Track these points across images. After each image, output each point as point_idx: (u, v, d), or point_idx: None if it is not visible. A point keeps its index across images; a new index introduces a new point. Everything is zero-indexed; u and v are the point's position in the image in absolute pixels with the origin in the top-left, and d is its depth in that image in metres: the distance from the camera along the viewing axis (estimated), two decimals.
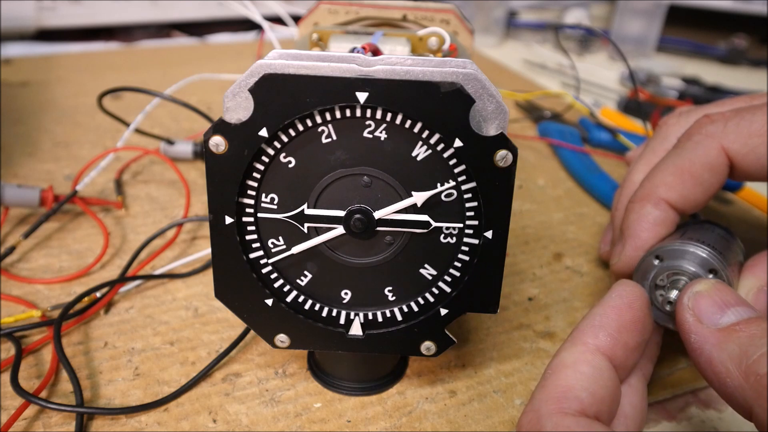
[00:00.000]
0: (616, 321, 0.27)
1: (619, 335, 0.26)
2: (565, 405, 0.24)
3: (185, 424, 0.31)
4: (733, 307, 0.26)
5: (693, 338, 0.26)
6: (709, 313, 0.26)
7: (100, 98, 0.51)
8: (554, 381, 0.25)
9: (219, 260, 0.29)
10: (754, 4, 1.00)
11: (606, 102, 0.76)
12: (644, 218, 0.34)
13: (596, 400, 0.24)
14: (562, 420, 0.23)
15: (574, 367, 0.25)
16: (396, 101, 0.26)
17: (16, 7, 0.84)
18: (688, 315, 0.26)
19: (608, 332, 0.26)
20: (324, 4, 0.42)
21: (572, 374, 0.25)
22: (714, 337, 0.25)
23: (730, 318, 0.25)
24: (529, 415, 0.24)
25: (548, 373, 0.26)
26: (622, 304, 0.27)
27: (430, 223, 0.28)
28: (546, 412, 0.24)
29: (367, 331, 0.30)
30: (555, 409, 0.24)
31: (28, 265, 0.42)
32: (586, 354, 0.26)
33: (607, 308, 0.27)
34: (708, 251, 0.31)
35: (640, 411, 0.28)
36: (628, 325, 0.27)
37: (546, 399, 0.24)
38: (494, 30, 1.00)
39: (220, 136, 0.27)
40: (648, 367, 0.31)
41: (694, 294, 0.27)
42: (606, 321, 0.27)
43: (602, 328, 0.27)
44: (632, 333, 0.27)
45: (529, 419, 0.24)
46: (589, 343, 0.26)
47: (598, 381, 0.25)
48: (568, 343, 0.27)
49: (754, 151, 0.33)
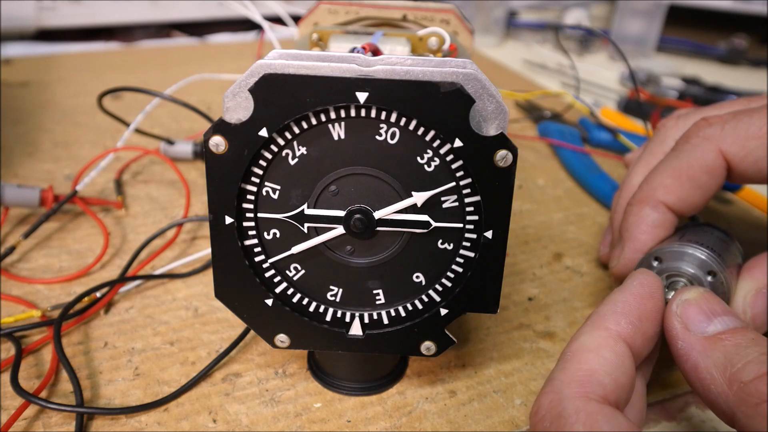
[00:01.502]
0: (638, 309, 0.27)
1: (640, 323, 0.27)
2: (589, 389, 0.24)
3: (185, 424, 0.31)
4: (719, 317, 0.26)
5: (680, 345, 0.26)
6: (696, 321, 0.26)
7: (100, 98, 0.51)
8: (576, 364, 0.25)
9: (219, 260, 0.29)
10: (754, 4, 1.00)
11: (606, 102, 0.76)
12: (643, 220, 0.35)
13: (618, 387, 0.24)
14: (586, 405, 0.23)
15: (597, 352, 0.25)
16: (396, 101, 0.26)
17: (16, 7, 0.84)
18: (676, 322, 0.27)
19: (630, 320, 0.26)
20: (324, 4, 0.42)
21: (595, 358, 0.25)
22: (700, 344, 0.25)
23: (717, 327, 0.26)
24: (550, 395, 0.24)
25: (569, 355, 0.25)
26: (644, 293, 0.27)
27: (430, 223, 0.28)
28: (568, 394, 0.24)
29: (367, 331, 0.30)
30: (578, 392, 0.24)
31: (28, 265, 0.42)
32: (609, 339, 0.26)
33: (629, 295, 0.27)
34: (707, 253, 0.31)
35: (639, 411, 0.28)
36: (648, 314, 0.27)
37: (569, 381, 0.24)
38: (494, 30, 1.00)
39: (220, 136, 0.27)
40: (648, 367, 0.31)
41: (682, 302, 0.27)
42: (628, 308, 0.27)
43: (624, 315, 0.27)
44: (651, 323, 0.27)
45: (551, 400, 0.24)
46: (612, 329, 0.26)
47: (620, 368, 0.25)
48: (589, 326, 0.26)
49: (752, 153, 0.33)
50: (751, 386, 0.23)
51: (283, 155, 0.27)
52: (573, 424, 0.23)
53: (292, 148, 0.27)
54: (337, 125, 0.27)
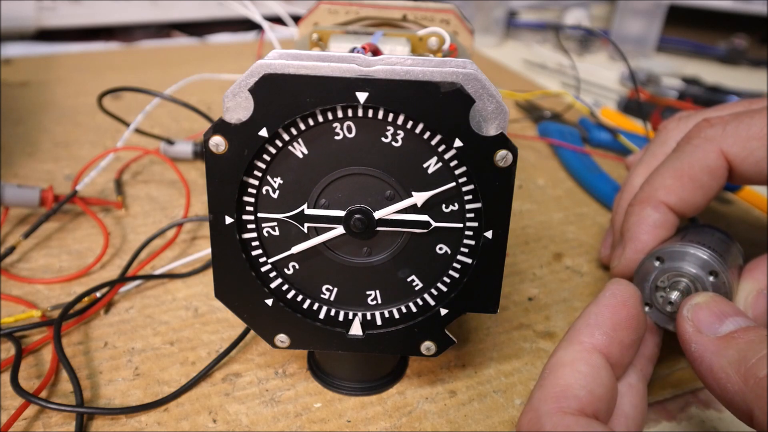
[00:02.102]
0: (611, 319, 0.27)
1: (615, 333, 0.27)
2: (564, 404, 0.24)
3: (185, 424, 0.31)
4: (731, 317, 0.27)
5: (693, 347, 0.26)
6: (708, 323, 0.27)
7: (100, 98, 0.51)
8: (552, 380, 0.25)
9: (219, 260, 0.29)
10: (754, 4, 1.00)
11: (606, 102, 0.76)
12: (644, 221, 0.35)
13: (595, 398, 0.25)
14: (562, 419, 0.23)
15: (572, 366, 0.25)
16: (396, 101, 0.26)
17: (16, 7, 0.84)
18: (688, 326, 0.27)
19: (604, 330, 0.27)
20: (324, 4, 0.42)
21: (570, 373, 0.25)
22: (713, 345, 0.26)
23: (729, 327, 0.26)
24: (529, 414, 0.25)
25: (546, 372, 0.26)
26: (616, 303, 0.28)
27: (430, 223, 0.28)
28: (545, 411, 0.24)
29: (367, 331, 0.30)
30: (554, 408, 0.24)
31: (28, 265, 0.42)
32: (583, 353, 0.26)
33: (602, 307, 0.28)
34: (709, 253, 0.31)
35: (640, 411, 0.28)
36: (622, 323, 0.27)
37: (545, 398, 0.24)
38: (494, 30, 1.00)
39: (220, 136, 0.27)
40: (648, 367, 0.31)
41: (692, 306, 0.28)
42: (601, 320, 0.27)
43: (598, 327, 0.27)
44: (627, 330, 0.27)
45: (529, 419, 0.24)
46: (586, 342, 0.26)
47: (596, 379, 0.25)
48: (565, 342, 0.27)
49: (753, 154, 0.33)
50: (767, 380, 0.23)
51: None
52: None
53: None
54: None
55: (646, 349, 0.32)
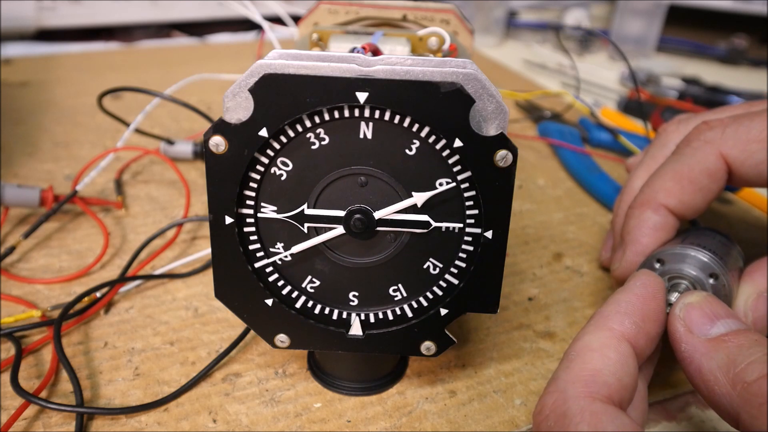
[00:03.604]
0: (641, 310, 0.27)
1: (643, 324, 0.27)
2: (594, 389, 0.24)
3: (185, 424, 0.31)
4: (722, 319, 0.26)
5: (683, 347, 0.26)
6: (699, 324, 0.27)
7: (100, 98, 0.51)
8: (581, 364, 0.25)
9: (219, 260, 0.29)
10: (754, 4, 1.00)
11: (606, 102, 0.76)
12: (644, 223, 0.35)
13: (622, 387, 0.24)
14: (591, 405, 0.23)
15: (601, 352, 0.25)
16: (396, 101, 0.26)
17: (16, 7, 0.84)
18: (680, 325, 0.27)
19: (633, 320, 0.27)
20: (324, 4, 0.42)
21: (599, 358, 0.25)
22: (703, 346, 0.26)
23: (720, 329, 0.26)
24: (554, 395, 0.24)
25: (572, 354, 0.25)
26: (647, 294, 0.28)
27: (430, 223, 0.28)
28: (573, 394, 0.24)
29: (367, 331, 0.30)
30: (583, 392, 0.24)
31: (28, 265, 0.42)
32: (612, 339, 0.26)
33: (632, 296, 0.28)
34: (709, 255, 0.31)
35: (641, 412, 0.28)
36: (651, 315, 0.27)
37: (573, 381, 0.24)
38: (494, 30, 1.00)
39: (220, 136, 0.27)
40: (649, 368, 0.31)
41: (685, 305, 0.28)
42: (632, 309, 0.27)
43: (628, 316, 0.27)
44: (654, 323, 0.27)
45: (554, 399, 0.24)
46: (616, 329, 0.26)
47: (624, 367, 0.25)
48: (592, 326, 0.27)
49: (753, 157, 0.33)
50: (754, 386, 0.23)
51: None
52: (577, 423, 0.23)
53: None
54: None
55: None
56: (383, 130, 0.27)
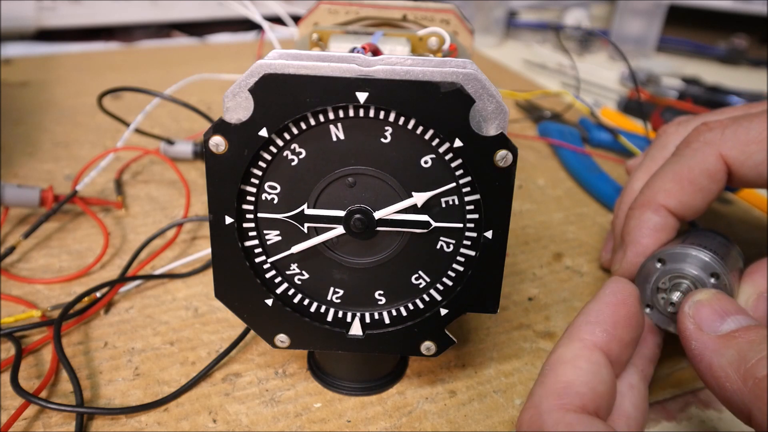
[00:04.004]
0: (611, 317, 0.27)
1: (615, 331, 0.27)
2: (567, 401, 0.24)
3: (185, 424, 0.31)
4: (732, 316, 0.26)
5: (694, 345, 0.26)
6: (709, 321, 0.27)
7: (100, 98, 0.51)
8: (553, 377, 0.25)
9: (219, 260, 0.29)
10: (754, 4, 1.00)
11: (606, 102, 0.76)
12: (644, 224, 0.35)
13: (596, 395, 0.25)
14: (564, 416, 0.23)
15: (573, 363, 0.25)
16: (396, 101, 0.26)
17: (16, 7, 0.84)
18: (689, 323, 0.27)
19: (604, 328, 0.27)
20: (324, 4, 0.42)
21: (571, 370, 0.25)
22: (714, 343, 0.26)
23: (730, 325, 0.26)
24: (530, 411, 0.24)
25: (546, 369, 0.26)
26: (616, 301, 0.28)
27: (430, 223, 0.28)
28: (547, 408, 0.24)
29: (367, 331, 0.30)
30: (556, 405, 0.24)
31: (28, 265, 0.42)
32: (584, 350, 0.26)
33: (602, 305, 0.28)
34: (710, 255, 0.31)
35: (641, 411, 0.28)
36: (622, 321, 0.27)
37: (546, 395, 0.24)
38: (494, 30, 1.00)
39: (220, 136, 0.27)
40: (649, 368, 0.31)
41: (694, 303, 0.28)
42: (601, 317, 0.27)
43: (598, 325, 0.27)
44: (626, 329, 0.27)
45: (530, 416, 0.24)
46: (586, 339, 0.26)
47: (596, 376, 0.25)
48: (565, 339, 0.27)
49: (752, 158, 0.33)
50: (766, 382, 0.23)
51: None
52: None
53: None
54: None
55: (647, 350, 0.32)
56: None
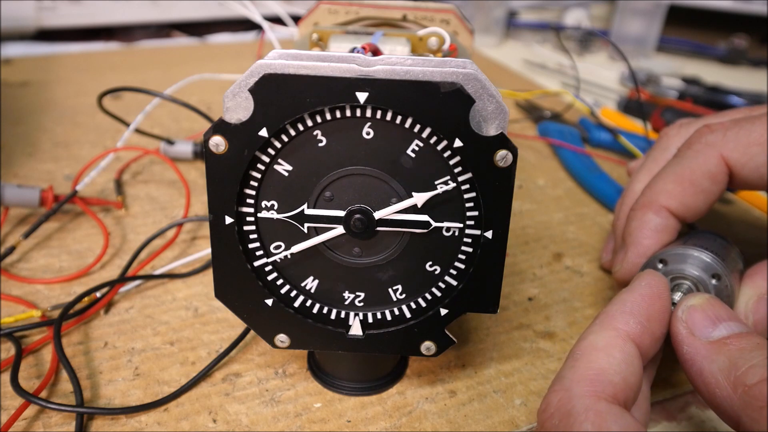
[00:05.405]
0: (647, 310, 0.27)
1: (648, 324, 0.27)
2: (599, 388, 0.24)
3: (185, 424, 0.31)
4: (724, 322, 0.26)
5: (685, 349, 0.26)
6: (701, 326, 0.27)
7: (100, 98, 0.51)
8: (586, 363, 0.25)
9: (219, 260, 0.29)
10: (754, 4, 1.00)
11: (606, 102, 0.76)
12: (646, 225, 0.35)
13: (627, 386, 0.24)
14: (596, 404, 0.23)
15: (607, 351, 0.25)
16: (396, 101, 0.26)
17: (16, 7, 0.84)
18: (682, 327, 0.27)
19: (639, 320, 0.27)
20: (324, 4, 0.42)
21: (605, 357, 0.25)
22: (705, 349, 0.26)
23: (722, 332, 0.26)
24: (560, 393, 0.24)
25: (578, 354, 0.25)
26: (651, 293, 0.28)
27: (430, 223, 0.28)
28: (578, 393, 0.24)
29: (367, 331, 0.30)
30: (588, 391, 0.24)
31: (28, 265, 0.42)
32: (618, 339, 0.26)
33: (638, 296, 0.28)
34: (712, 256, 0.31)
35: (644, 412, 0.28)
36: (656, 315, 0.27)
37: (578, 379, 0.24)
38: (494, 30, 1.00)
39: (220, 136, 0.27)
40: (652, 368, 0.31)
41: (688, 307, 0.28)
42: (637, 309, 0.27)
43: (633, 315, 0.27)
44: (659, 323, 0.27)
45: (560, 398, 0.24)
46: (621, 329, 0.26)
47: (629, 367, 0.25)
48: (597, 326, 0.27)
49: (753, 160, 0.33)
50: (755, 389, 0.23)
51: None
52: (582, 422, 0.23)
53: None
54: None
55: None
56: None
